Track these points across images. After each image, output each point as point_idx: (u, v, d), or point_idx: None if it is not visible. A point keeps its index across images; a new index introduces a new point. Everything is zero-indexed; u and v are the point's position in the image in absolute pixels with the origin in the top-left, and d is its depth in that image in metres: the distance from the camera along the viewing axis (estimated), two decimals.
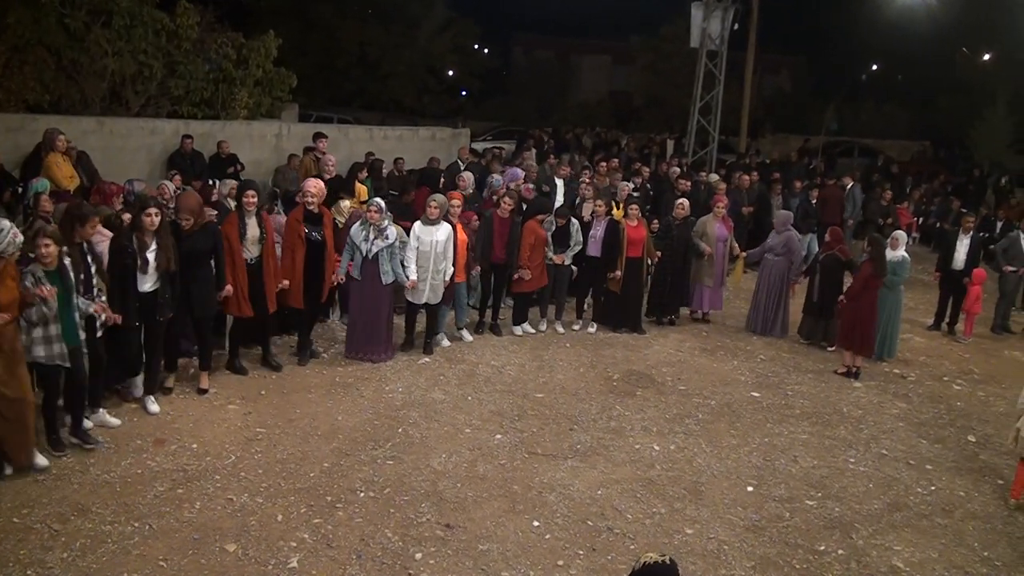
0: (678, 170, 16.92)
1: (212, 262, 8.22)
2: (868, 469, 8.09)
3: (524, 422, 8.41)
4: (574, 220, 11.32)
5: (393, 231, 9.51)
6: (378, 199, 9.71)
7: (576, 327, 11.71)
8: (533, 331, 11.36)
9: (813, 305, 11.74)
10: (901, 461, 8.33)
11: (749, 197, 16.08)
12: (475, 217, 11.19)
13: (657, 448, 8.08)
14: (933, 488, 7.81)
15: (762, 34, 27.05)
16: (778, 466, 7.96)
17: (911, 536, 6.90)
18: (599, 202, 11.53)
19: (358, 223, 9.50)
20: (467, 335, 10.85)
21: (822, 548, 6.59)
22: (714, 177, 16.74)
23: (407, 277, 9.65)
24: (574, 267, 11.56)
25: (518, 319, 11.33)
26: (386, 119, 29.22)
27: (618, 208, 12.30)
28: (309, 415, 8.16)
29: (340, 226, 10.05)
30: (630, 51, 43.14)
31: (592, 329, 11.62)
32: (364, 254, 9.37)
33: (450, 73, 38.77)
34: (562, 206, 11.39)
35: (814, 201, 16.35)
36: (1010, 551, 6.82)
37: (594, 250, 11.42)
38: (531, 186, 12.80)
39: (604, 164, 16.69)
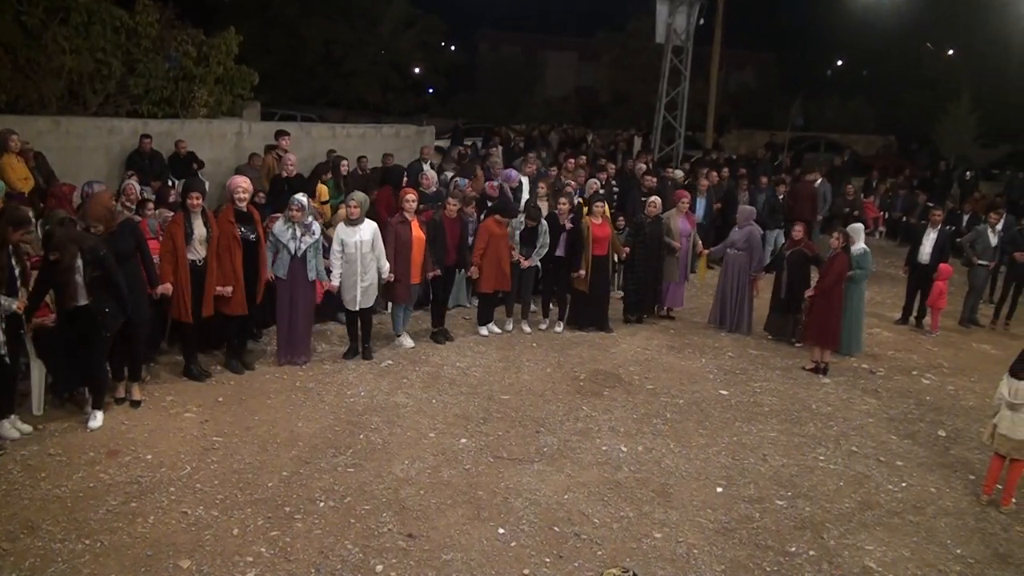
0: (644, 167, 16.78)
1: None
2: (838, 467, 8.01)
3: (490, 425, 8.25)
4: (543, 222, 11.12)
5: (318, 226, 9.29)
6: (299, 197, 9.23)
7: (543, 326, 11.56)
8: (499, 331, 11.19)
9: (780, 301, 11.66)
10: (871, 458, 8.26)
11: (716, 194, 15.99)
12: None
13: (625, 449, 7.94)
14: (904, 485, 7.74)
15: (728, 30, 27.08)
16: (747, 465, 7.85)
17: (883, 535, 6.81)
18: (563, 200, 11.34)
19: (280, 221, 9.16)
20: (407, 340, 10.42)
21: (793, 549, 6.49)
22: (679, 173, 16.62)
23: (331, 281, 9.42)
24: (539, 265, 11.37)
25: (483, 319, 11.16)
26: (348, 117, 28.99)
27: (584, 205, 12.16)
28: (268, 422, 7.95)
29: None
30: (596, 47, 43.05)
31: (559, 328, 11.47)
32: (293, 253, 9.04)
33: (416, 71, 38.51)
34: (534, 207, 11.13)
35: (781, 197, 16.27)
36: (983, 548, 6.76)
37: (560, 249, 11.27)
38: (496, 184, 12.61)
39: (571, 161, 16.53)
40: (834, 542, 6.65)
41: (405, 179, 13.10)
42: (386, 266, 9.65)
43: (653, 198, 11.97)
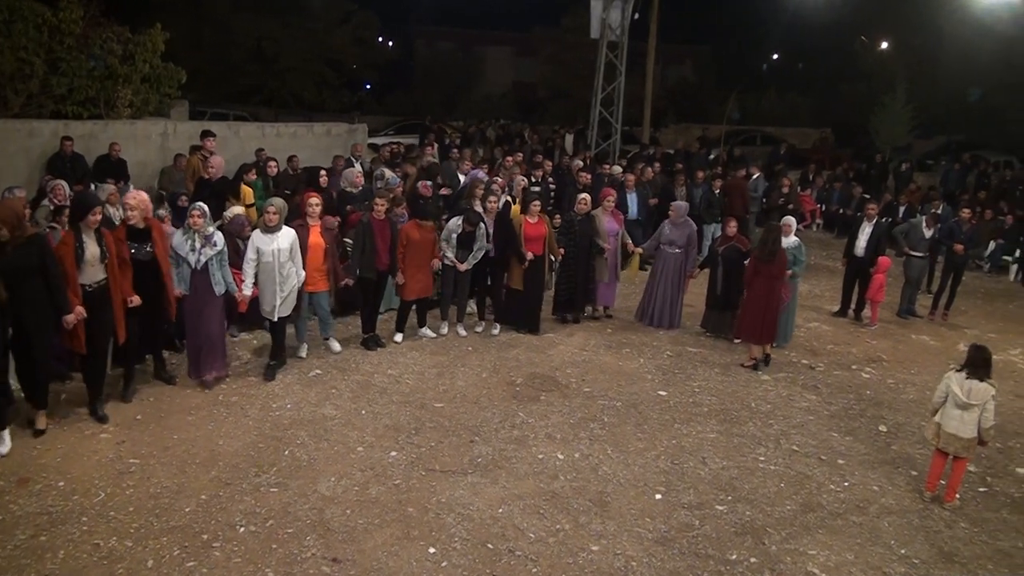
0: (580, 163, 16.62)
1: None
2: (779, 467, 7.91)
3: (422, 436, 7.96)
4: (483, 224, 10.78)
5: (221, 237, 8.70)
6: (201, 203, 8.68)
7: (479, 329, 11.29)
8: (433, 335, 10.90)
9: (717, 298, 11.59)
10: (812, 457, 8.18)
11: (652, 189, 15.87)
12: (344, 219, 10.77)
13: (561, 457, 7.73)
14: (846, 484, 7.68)
15: (664, 24, 27.04)
16: (686, 469, 7.71)
17: (825, 538, 6.72)
18: (492, 199, 11.05)
19: (180, 231, 8.58)
20: (335, 344, 10.07)
21: (733, 557, 6.35)
22: (617, 169, 16.47)
23: (244, 292, 8.83)
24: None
25: (398, 325, 10.75)
26: (280, 115, 28.48)
27: (515, 203, 11.93)
28: (187, 441, 7.56)
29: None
30: (533, 42, 42.90)
31: (495, 331, 11.23)
32: (192, 265, 8.40)
33: (354, 67, 38.00)
34: (473, 212, 10.78)
35: (717, 191, 16.22)
36: (928, 547, 6.71)
37: (493, 249, 10.99)
38: (428, 183, 12.32)
39: (508, 159, 16.29)
40: (776, 547, 6.52)
41: (325, 178, 12.72)
42: (302, 275, 9.18)
43: (583, 195, 11.77)
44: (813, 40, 41.06)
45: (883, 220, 19.81)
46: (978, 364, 7.22)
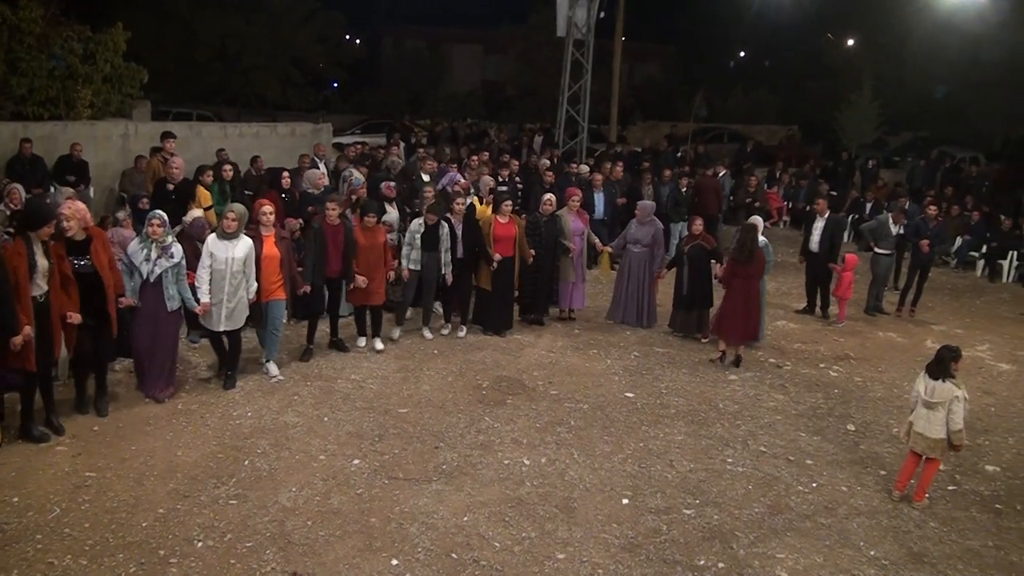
0: (547, 162, 16.52)
1: None
2: (747, 469, 7.86)
3: (385, 443, 7.82)
4: (444, 223, 10.58)
5: (179, 249, 8.31)
6: (160, 212, 8.32)
7: (445, 332, 11.14)
8: (380, 347, 10.35)
9: (684, 298, 11.55)
10: (780, 458, 8.14)
11: (620, 188, 15.81)
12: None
13: (527, 462, 7.63)
14: (815, 485, 7.64)
15: (630, 23, 27.01)
16: (654, 473, 7.64)
17: (794, 540, 6.67)
18: (458, 201, 10.92)
19: (137, 240, 8.20)
20: (273, 369, 9.32)
21: (701, 563, 6.29)
22: (584, 168, 16.40)
23: (197, 300, 8.38)
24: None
25: (359, 330, 10.43)
26: (243, 114, 28.19)
27: (482, 203, 11.81)
28: (145, 452, 7.36)
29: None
30: (500, 40, 42.75)
31: (461, 333, 11.10)
32: (144, 276, 8.01)
33: (321, 65, 37.68)
34: (433, 205, 10.63)
35: (684, 189, 16.19)
36: (897, 548, 6.68)
37: (459, 250, 10.83)
38: (392, 184, 12.16)
39: (474, 158, 16.16)
40: (744, 551, 6.46)
41: (288, 180, 12.52)
42: (254, 287, 8.74)
43: (548, 195, 11.67)
44: (780, 38, 41.27)
45: (849, 216, 20.03)
46: (936, 363, 7.23)
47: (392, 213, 11.56)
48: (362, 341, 10.42)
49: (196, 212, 10.21)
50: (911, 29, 31.70)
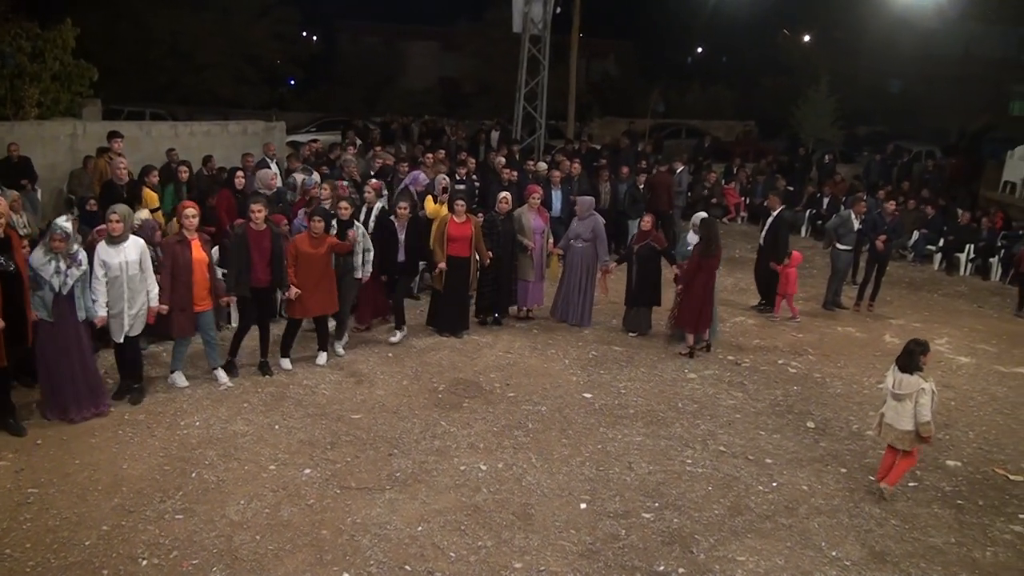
0: (503, 159, 16.36)
1: None
2: (706, 470, 7.78)
3: (337, 451, 7.63)
4: (358, 224, 10.10)
5: (84, 255, 7.92)
6: (61, 222, 7.75)
7: (393, 339, 10.67)
8: (323, 362, 9.83)
9: (634, 296, 11.57)
10: (740, 457, 8.08)
11: (578, 185, 15.68)
12: (284, 221, 10.29)
13: (484, 468, 7.49)
14: (775, 484, 7.58)
15: (587, 19, 26.88)
16: (612, 476, 7.53)
17: (755, 542, 6.60)
18: (402, 204, 10.58)
19: (40, 251, 7.72)
20: (223, 376, 9.03)
21: (661, 568, 6.20)
22: (542, 166, 16.27)
23: (96, 312, 7.89)
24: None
25: (284, 350, 9.65)
26: (195, 113, 27.75)
27: (436, 203, 11.63)
28: (90, 465, 7.11)
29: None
30: (457, 37, 42.57)
31: (394, 339, 10.63)
32: (57, 289, 7.57)
33: (278, 62, 37.24)
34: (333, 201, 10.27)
35: (642, 187, 16.12)
36: (859, 547, 6.64)
37: (401, 255, 10.52)
38: (345, 183, 11.95)
39: (430, 156, 15.96)
40: (704, 555, 6.38)
41: (242, 179, 12.26)
42: (154, 290, 8.28)
43: (504, 193, 11.52)
44: (736, 34, 41.46)
45: (807, 211, 20.11)
46: (905, 356, 7.28)
47: None
48: (286, 363, 9.64)
49: (143, 214, 9.92)
50: (866, 25, 31.99)
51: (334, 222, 9.86)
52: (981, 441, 8.87)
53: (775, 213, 13.00)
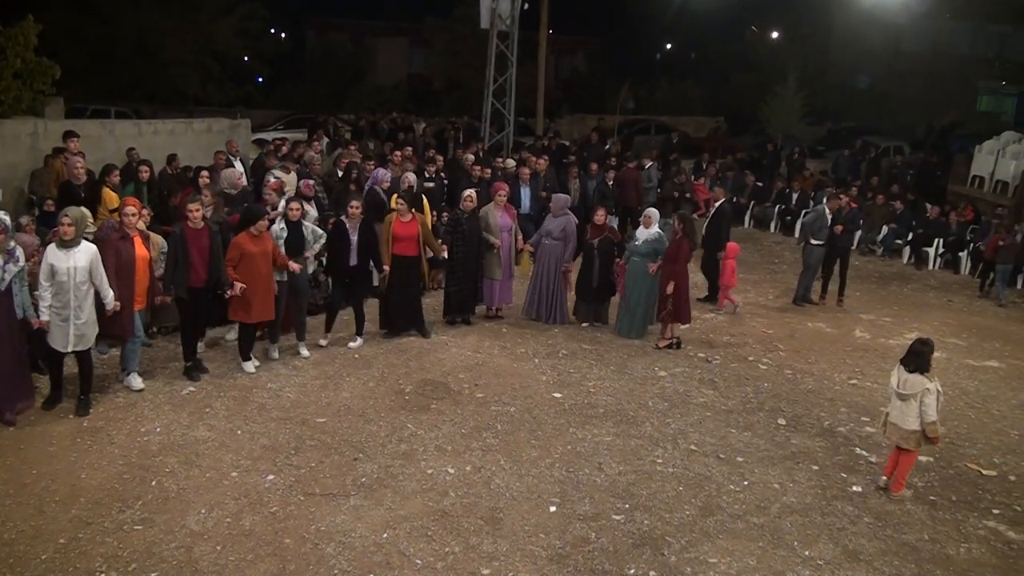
0: (472, 157, 16.22)
1: None
2: (677, 469, 7.71)
3: (302, 456, 7.47)
4: (306, 223, 9.92)
5: (22, 252, 7.75)
6: (2, 217, 7.59)
7: (352, 344, 10.43)
8: (255, 368, 9.45)
9: (592, 290, 11.63)
10: (711, 456, 8.02)
11: (545, 182, 15.58)
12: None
13: (452, 471, 7.36)
14: (746, 483, 7.52)
15: (555, 15, 26.79)
16: (582, 477, 7.43)
17: (726, 543, 6.53)
18: (354, 204, 10.27)
19: None
20: (136, 381, 8.68)
21: (632, 572, 6.12)
22: (511, 163, 16.15)
23: (36, 315, 7.70)
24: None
25: (244, 353, 9.41)
26: (159, 111, 27.42)
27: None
28: (47, 475, 6.90)
29: None
30: (426, 33, 42.31)
31: (354, 344, 10.39)
32: None
33: (245, 59, 36.85)
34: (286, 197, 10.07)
35: (610, 183, 16.05)
36: (832, 546, 6.59)
37: (353, 258, 10.22)
38: (310, 182, 11.77)
39: (397, 154, 15.79)
40: (675, 558, 6.30)
41: (206, 178, 12.02)
42: (109, 295, 7.99)
43: (467, 191, 11.35)
44: (705, 30, 41.57)
45: (775, 207, 20.13)
46: (911, 355, 7.33)
47: (312, 212, 11.10)
48: (249, 366, 9.41)
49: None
50: (834, 21, 32.15)
51: (283, 222, 9.69)
52: (953, 436, 8.84)
53: (717, 205, 13.12)
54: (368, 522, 6.48)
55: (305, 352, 10.00)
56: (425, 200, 12.32)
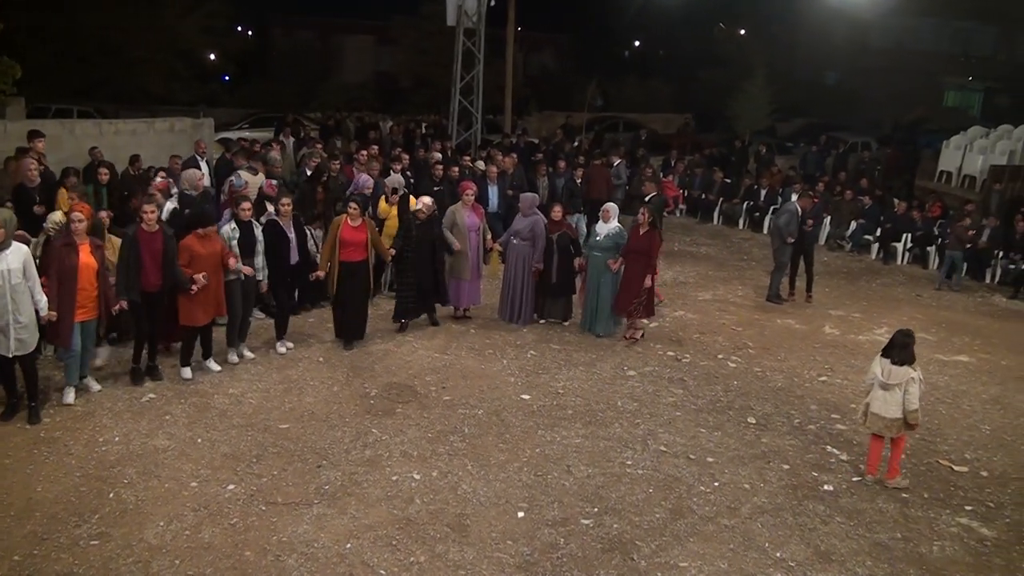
0: (438, 155, 16.07)
1: None
2: (647, 471, 7.62)
3: (263, 464, 7.31)
4: (256, 223, 9.73)
5: None
6: None
7: (282, 349, 10.16)
8: (218, 368, 9.39)
9: (554, 285, 11.56)
10: (681, 456, 7.94)
11: (514, 180, 15.47)
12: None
13: (418, 477, 7.23)
14: (716, 484, 7.45)
15: (523, 12, 26.66)
16: (551, 481, 7.33)
17: (697, 546, 6.45)
18: (284, 202, 10.13)
19: None
20: (69, 395, 8.34)
21: None
22: (480, 164, 16.02)
23: None
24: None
25: (184, 358, 9.16)
26: (122, 110, 27.05)
27: (387, 203, 11.34)
28: (2, 489, 6.68)
29: None
30: (393, 31, 42.03)
31: (282, 350, 10.12)
32: None
33: (212, 57, 36.45)
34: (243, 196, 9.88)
35: (579, 180, 15.97)
36: (804, 547, 6.54)
37: (293, 257, 10.13)
38: (273, 182, 11.58)
39: (363, 153, 15.60)
40: (645, 562, 6.21)
41: (161, 179, 11.80)
42: (43, 300, 7.75)
43: (423, 203, 10.94)
44: (673, 27, 41.62)
45: (744, 203, 20.12)
46: (895, 347, 7.44)
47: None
48: (187, 372, 9.16)
49: (57, 216, 9.49)
50: (801, 18, 32.26)
51: (234, 223, 9.50)
52: (924, 432, 8.74)
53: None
54: (331, 532, 6.33)
55: (248, 355, 9.82)
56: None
